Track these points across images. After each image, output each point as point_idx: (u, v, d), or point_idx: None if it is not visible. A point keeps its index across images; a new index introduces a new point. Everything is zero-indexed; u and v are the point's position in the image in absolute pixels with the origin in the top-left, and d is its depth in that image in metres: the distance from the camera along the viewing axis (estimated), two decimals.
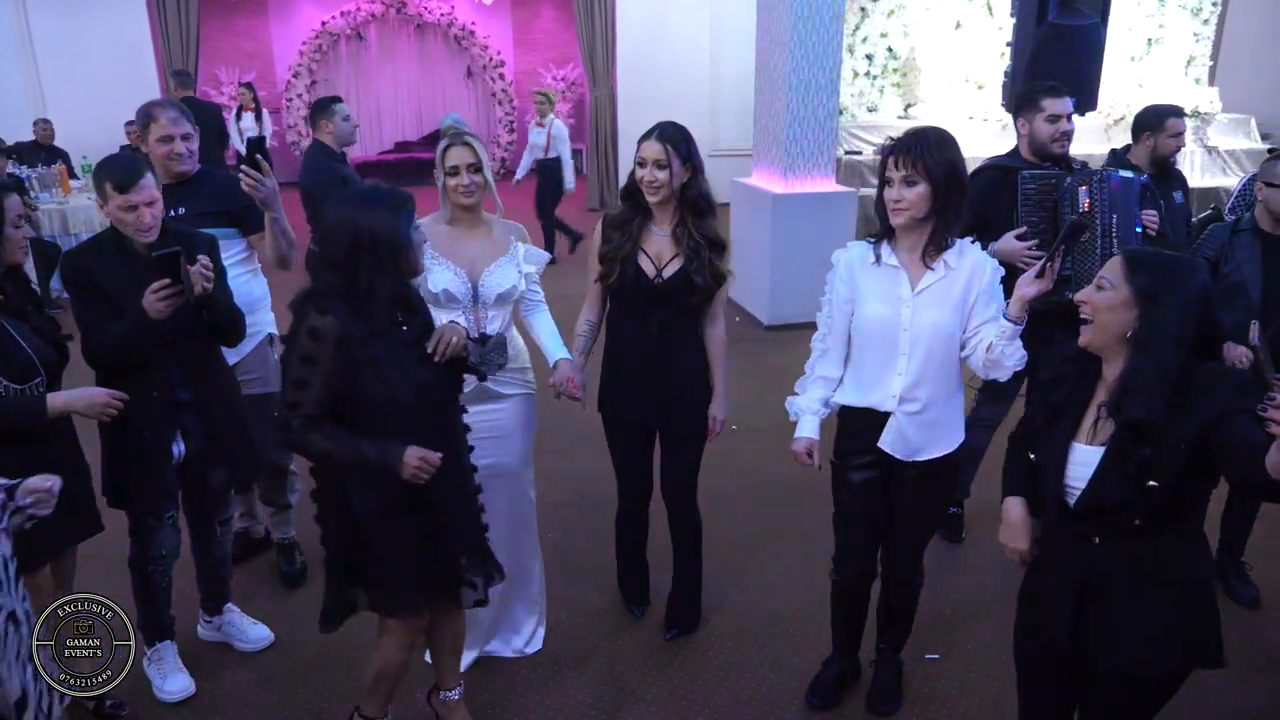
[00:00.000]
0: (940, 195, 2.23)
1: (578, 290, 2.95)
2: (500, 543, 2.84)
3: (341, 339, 2.01)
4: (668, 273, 2.73)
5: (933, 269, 2.32)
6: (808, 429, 2.51)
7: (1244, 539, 3.33)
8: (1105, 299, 1.79)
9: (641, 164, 2.68)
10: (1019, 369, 2.28)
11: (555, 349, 2.84)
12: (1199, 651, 1.86)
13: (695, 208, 2.72)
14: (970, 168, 2.35)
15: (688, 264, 2.71)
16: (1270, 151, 6.13)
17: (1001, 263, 3.11)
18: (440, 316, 2.68)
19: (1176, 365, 1.71)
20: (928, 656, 2.99)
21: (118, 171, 2.45)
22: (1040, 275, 2.11)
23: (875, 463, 2.46)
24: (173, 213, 2.99)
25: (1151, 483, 1.72)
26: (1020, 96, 3.43)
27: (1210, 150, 9.32)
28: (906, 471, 2.45)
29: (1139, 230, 3.22)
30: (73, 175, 8.12)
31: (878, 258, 2.37)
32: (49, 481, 1.76)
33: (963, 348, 2.36)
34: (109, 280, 2.49)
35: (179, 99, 7.41)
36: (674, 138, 2.67)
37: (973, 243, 2.38)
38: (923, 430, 2.39)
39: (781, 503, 3.95)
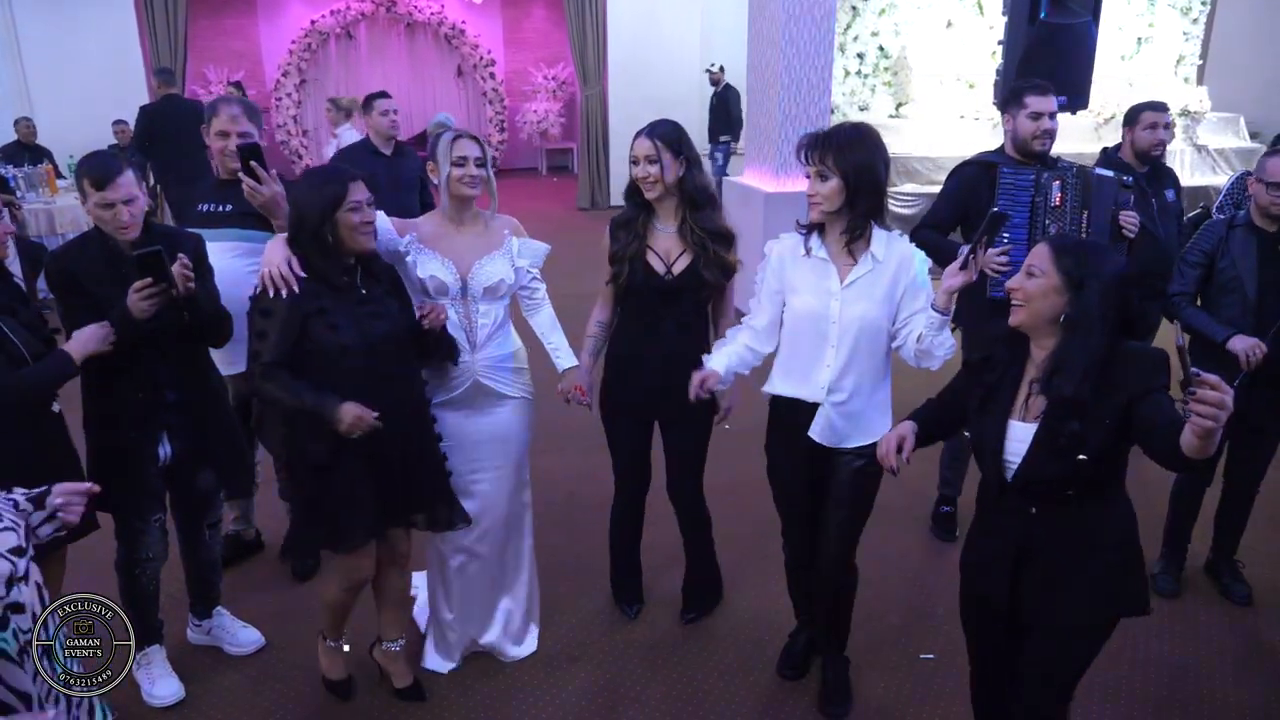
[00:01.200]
0: (850, 190, 2.30)
1: (588, 290, 2.95)
2: (495, 545, 2.85)
3: (292, 292, 2.30)
4: (677, 269, 2.75)
5: (860, 262, 2.37)
6: (713, 363, 2.55)
7: (1238, 538, 3.33)
8: (1038, 285, 1.88)
9: (634, 162, 2.72)
10: (949, 358, 2.35)
11: (563, 357, 2.86)
12: (1126, 601, 1.99)
13: (694, 201, 2.75)
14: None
15: (696, 260, 2.73)
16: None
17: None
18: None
19: (1102, 345, 1.82)
20: (922, 656, 2.99)
21: (95, 169, 2.42)
22: (964, 267, 2.23)
23: (804, 450, 2.51)
24: (220, 208, 3.01)
25: (1081, 456, 1.82)
26: (1008, 92, 3.44)
27: (1200, 149, 9.34)
28: (834, 459, 2.51)
29: (1110, 230, 3.21)
30: (59, 175, 8.06)
31: (808, 250, 2.43)
32: (84, 485, 1.75)
33: (893, 339, 2.42)
34: (93, 280, 2.45)
35: (162, 96, 7.35)
36: (665, 134, 2.70)
37: (901, 236, 2.45)
38: (848, 420, 2.46)
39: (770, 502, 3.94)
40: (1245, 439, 3.13)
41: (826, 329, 2.40)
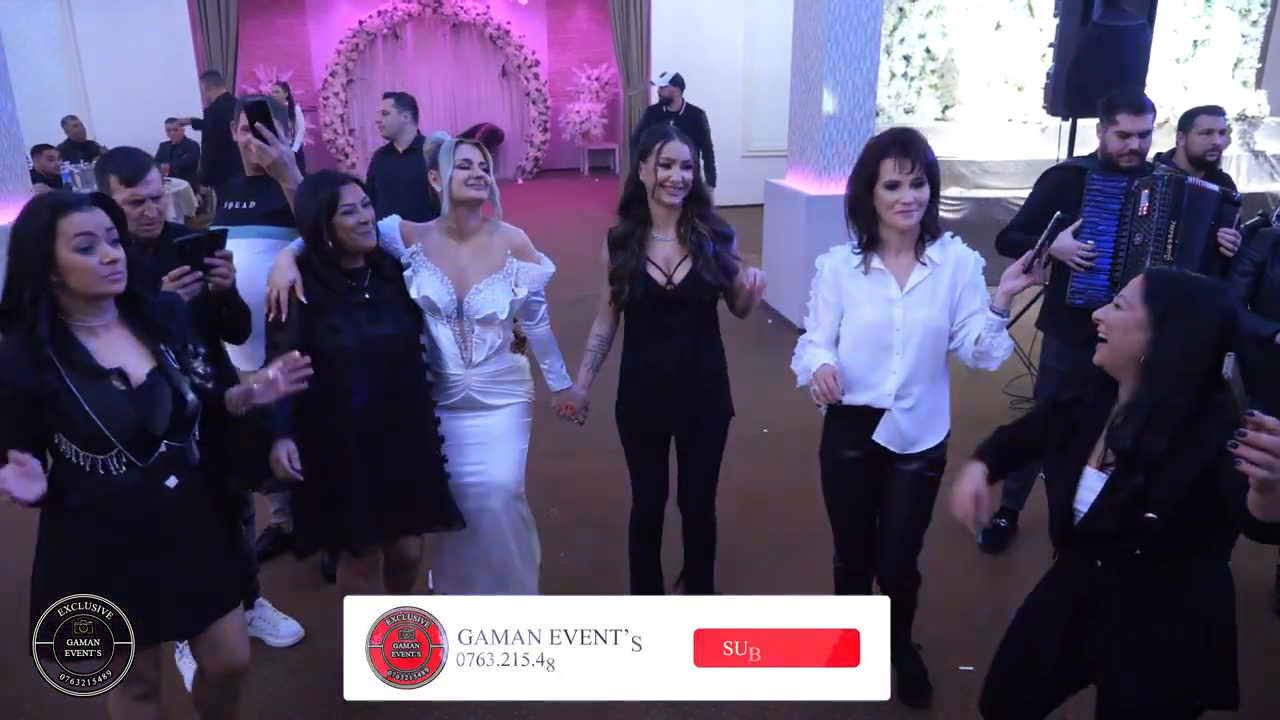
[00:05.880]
0: (933, 193, 2.34)
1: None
2: (493, 550, 2.84)
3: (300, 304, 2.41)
4: (678, 278, 2.69)
5: (922, 264, 2.38)
6: (825, 358, 2.42)
7: None
8: (1120, 319, 1.72)
9: (668, 165, 2.63)
10: (1006, 359, 2.36)
11: (555, 380, 2.89)
12: (1206, 688, 1.76)
13: (703, 199, 2.73)
14: (1005, 170, 2.40)
15: (695, 263, 2.68)
16: None
17: (1057, 261, 3.14)
18: (430, 326, 2.68)
19: (1182, 396, 1.62)
20: (962, 668, 2.93)
21: (124, 165, 2.41)
22: (1027, 270, 2.21)
23: (866, 456, 2.50)
24: (244, 205, 3.03)
25: (1150, 515, 1.65)
26: (1104, 102, 3.30)
27: (1257, 155, 9.09)
28: (898, 464, 2.50)
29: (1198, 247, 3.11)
30: None
31: (868, 267, 2.41)
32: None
33: (951, 339, 2.42)
34: None
35: (217, 98, 7.45)
36: (689, 142, 2.69)
37: (954, 238, 2.44)
38: (916, 424, 2.46)
39: (809, 508, 3.88)
40: None
41: (890, 337, 2.39)
